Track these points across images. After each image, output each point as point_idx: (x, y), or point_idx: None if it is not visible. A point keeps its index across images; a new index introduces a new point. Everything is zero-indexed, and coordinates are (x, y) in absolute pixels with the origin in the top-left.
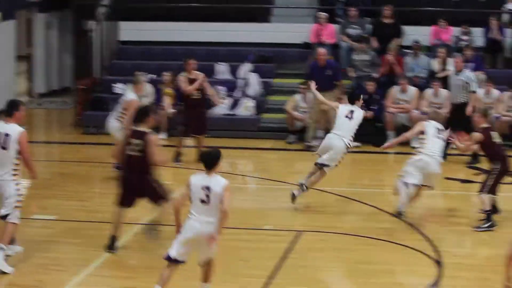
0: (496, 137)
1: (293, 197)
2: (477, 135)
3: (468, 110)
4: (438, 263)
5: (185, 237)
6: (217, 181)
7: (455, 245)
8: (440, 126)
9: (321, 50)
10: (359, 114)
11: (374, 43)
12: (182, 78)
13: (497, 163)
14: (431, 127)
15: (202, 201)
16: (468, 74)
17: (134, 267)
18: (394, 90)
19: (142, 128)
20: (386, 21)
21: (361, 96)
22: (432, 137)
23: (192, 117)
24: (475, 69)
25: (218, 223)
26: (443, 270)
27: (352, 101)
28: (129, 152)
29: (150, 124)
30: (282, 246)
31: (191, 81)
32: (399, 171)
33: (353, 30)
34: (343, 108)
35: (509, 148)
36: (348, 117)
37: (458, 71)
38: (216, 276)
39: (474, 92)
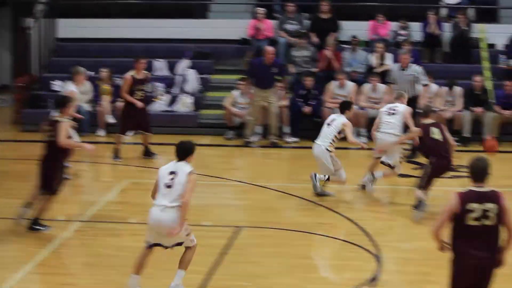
0: (435, 133)
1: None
2: (415, 130)
3: (422, 102)
4: (378, 257)
5: (149, 223)
6: (183, 168)
7: (394, 239)
8: (393, 105)
9: (270, 49)
10: (338, 122)
11: (314, 38)
12: (128, 77)
13: (432, 159)
14: (384, 108)
15: (167, 186)
16: (415, 67)
17: (74, 264)
18: (332, 85)
19: (58, 117)
20: (324, 16)
21: (352, 105)
22: (384, 117)
23: (135, 115)
24: (414, 63)
25: (179, 216)
26: (383, 264)
27: (342, 110)
28: (45, 137)
29: (66, 113)
30: (221, 242)
31: (139, 81)
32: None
33: (291, 26)
34: (330, 117)
35: None
36: (328, 124)
37: (405, 67)
38: (156, 272)
39: (426, 85)
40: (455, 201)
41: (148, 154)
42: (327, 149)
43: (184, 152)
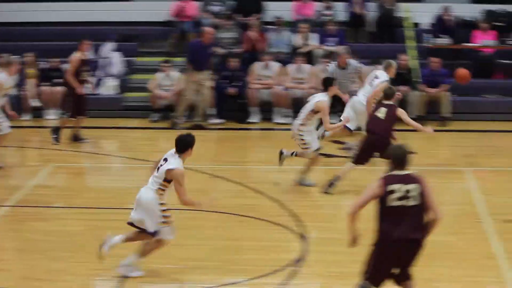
0: (380, 112)
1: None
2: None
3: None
4: (304, 238)
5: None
6: (171, 161)
7: (321, 220)
8: (379, 73)
9: (209, 29)
10: (314, 100)
11: (240, 19)
12: (76, 59)
13: (366, 135)
14: (372, 73)
15: (156, 169)
16: (353, 63)
17: (1, 250)
18: (257, 66)
19: None
20: None
21: (333, 82)
22: (365, 83)
23: (80, 98)
24: (339, 43)
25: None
26: (309, 245)
27: (325, 87)
28: None
29: None
30: None
31: (84, 62)
32: (262, 147)
33: (215, 7)
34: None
35: None
36: (308, 101)
37: (344, 65)
38: (80, 256)
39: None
40: (377, 183)
41: (78, 138)
42: (297, 127)
43: (182, 145)
